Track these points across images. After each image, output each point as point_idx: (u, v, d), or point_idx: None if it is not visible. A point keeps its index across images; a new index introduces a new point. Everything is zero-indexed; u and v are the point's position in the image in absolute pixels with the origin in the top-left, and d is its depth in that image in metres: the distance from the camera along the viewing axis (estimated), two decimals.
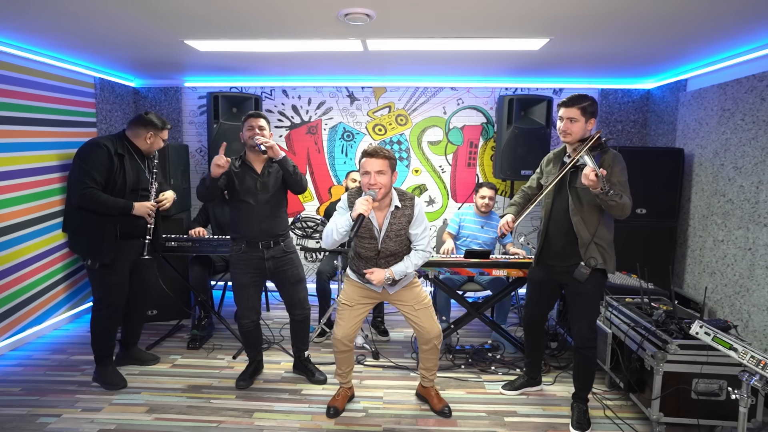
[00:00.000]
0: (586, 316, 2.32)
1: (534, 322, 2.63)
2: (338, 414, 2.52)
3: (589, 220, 2.23)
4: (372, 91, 4.53)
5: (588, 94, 2.29)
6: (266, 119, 2.67)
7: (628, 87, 4.36)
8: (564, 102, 2.27)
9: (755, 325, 2.85)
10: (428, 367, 2.54)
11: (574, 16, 2.50)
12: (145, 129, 2.69)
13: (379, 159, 2.16)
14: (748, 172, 2.99)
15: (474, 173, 4.60)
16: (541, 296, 2.55)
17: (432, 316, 2.44)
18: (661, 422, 2.30)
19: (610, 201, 2.06)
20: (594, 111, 2.25)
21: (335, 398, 2.59)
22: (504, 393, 2.76)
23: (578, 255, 2.25)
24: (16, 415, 2.46)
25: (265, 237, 2.65)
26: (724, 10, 2.36)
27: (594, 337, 2.36)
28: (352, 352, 2.53)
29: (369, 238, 2.32)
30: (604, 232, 2.24)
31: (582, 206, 2.24)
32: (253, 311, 2.74)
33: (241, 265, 2.67)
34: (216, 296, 3.91)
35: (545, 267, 2.45)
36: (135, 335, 3.03)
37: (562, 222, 2.31)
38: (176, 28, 2.78)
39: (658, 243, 3.59)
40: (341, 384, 2.61)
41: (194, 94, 4.59)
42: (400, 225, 2.30)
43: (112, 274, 2.65)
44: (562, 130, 2.26)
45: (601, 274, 2.28)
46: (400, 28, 2.74)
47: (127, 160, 2.64)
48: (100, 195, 2.53)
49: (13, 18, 2.61)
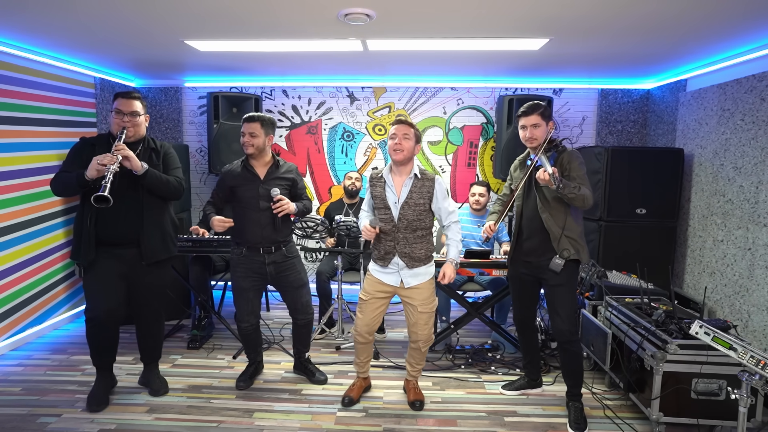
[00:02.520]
0: (565, 308, 2.40)
1: (522, 320, 2.69)
2: (353, 404, 2.61)
3: (557, 215, 2.37)
4: (372, 91, 4.53)
5: (540, 100, 2.47)
6: (262, 122, 2.55)
7: (628, 87, 4.36)
8: (524, 111, 2.41)
9: (755, 325, 2.85)
10: (411, 362, 2.65)
11: (574, 16, 2.51)
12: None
13: (406, 125, 2.43)
14: (748, 172, 2.99)
15: (474, 173, 4.60)
16: (523, 293, 2.63)
17: (428, 323, 2.50)
18: (661, 422, 2.30)
19: (569, 194, 2.24)
20: (550, 114, 2.46)
21: (351, 388, 2.68)
22: (504, 393, 2.76)
23: (552, 249, 2.37)
24: (16, 415, 2.46)
25: (267, 243, 2.63)
26: (723, 10, 2.36)
27: (575, 330, 2.44)
28: (371, 343, 2.63)
29: (384, 209, 2.45)
30: (573, 225, 2.37)
31: (549, 203, 2.38)
32: (253, 315, 2.73)
33: (241, 269, 2.66)
34: (216, 296, 3.91)
35: (522, 263, 2.56)
36: (144, 353, 2.73)
37: (534, 220, 2.44)
38: (176, 28, 2.78)
39: (658, 243, 3.59)
40: (358, 374, 2.71)
41: (194, 94, 4.59)
42: (420, 195, 2.42)
43: (91, 280, 2.43)
44: (527, 137, 2.41)
45: (574, 264, 2.41)
46: (400, 28, 2.74)
47: (98, 151, 2.32)
48: (58, 175, 2.32)
49: (14, 18, 2.61)
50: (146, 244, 2.45)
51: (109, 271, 2.43)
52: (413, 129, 2.43)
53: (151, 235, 2.47)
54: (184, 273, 3.60)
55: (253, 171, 2.61)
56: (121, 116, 2.38)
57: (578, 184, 2.28)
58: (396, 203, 2.42)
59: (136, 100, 2.43)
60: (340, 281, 3.48)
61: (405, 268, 2.44)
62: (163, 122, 4.62)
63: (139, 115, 2.42)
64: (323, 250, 3.63)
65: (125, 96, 2.41)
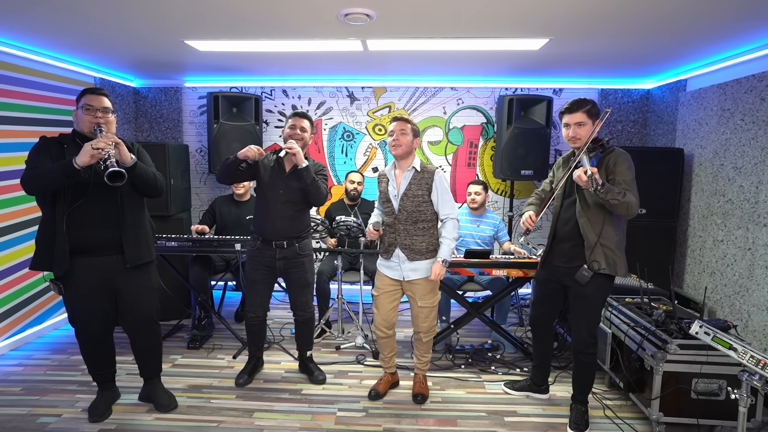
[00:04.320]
0: (586, 321, 2.30)
1: (540, 323, 2.60)
2: (379, 397, 2.68)
3: (595, 221, 2.21)
4: (372, 91, 4.53)
5: (587, 97, 2.31)
6: (310, 120, 2.72)
7: (628, 87, 4.36)
8: (568, 108, 2.26)
9: (755, 325, 2.85)
10: (417, 355, 2.71)
11: (574, 16, 2.51)
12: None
13: (403, 122, 2.49)
14: (748, 172, 2.99)
15: (474, 173, 4.60)
16: (545, 296, 2.55)
17: (429, 316, 2.57)
18: (661, 422, 2.30)
19: (611, 200, 2.06)
20: (597, 112, 2.27)
21: (379, 382, 2.75)
22: (506, 391, 2.76)
23: (583, 257, 2.24)
24: (16, 415, 2.46)
25: (279, 237, 2.66)
26: (724, 10, 2.36)
27: (593, 343, 2.34)
28: (392, 338, 2.70)
29: (387, 202, 2.57)
30: (611, 233, 2.21)
31: (589, 207, 2.23)
32: (260, 308, 2.78)
33: (253, 261, 2.73)
34: (216, 296, 3.91)
35: (550, 267, 2.46)
36: (144, 368, 2.54)
37: (570, 223, 2.31)
38: (176, 28, 2.78)
39: (658, 243, 3.59)
40: (385, 369, 2.79)
41: (194, 94, 4.59)
42: (418, 186, 2.47)
43: (72, 296, 2.27)
44: (570, 136, 2.25)
45: (605, 278, 2.25)
46: (400, 28, 2.74)
47: (68, 151, 2.18)
48: (30, 171, 2.13)
49: (14, 18, 2.60)
50: (129, 246, 2.27)
51: (90, 282, 2.24)
52: (410, 124, 2.49)
53: (132, 237, 2.29)
54: (184, 273, 3.60)
55: (282, 163, 2.68)
56: (92, 112, 2.19)
57: (623, 190, 2.09)
58: (396, 196, 2.52)
59: (106, 96, 2.26)
60: (340, 281, 3.48)
61: (406, 261, 2.50)
62: (163, 122, 4.62)
63: (111, 112, 2.26)
64: (323, 250, 3.63)
65: (95, 92, 2.24)
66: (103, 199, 2.21)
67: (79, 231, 2.18)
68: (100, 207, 2.21)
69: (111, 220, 2.24)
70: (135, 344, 2.48)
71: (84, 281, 2.23)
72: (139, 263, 2.32)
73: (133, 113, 4.60)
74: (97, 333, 2.36)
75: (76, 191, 2.16)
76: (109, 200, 2.23)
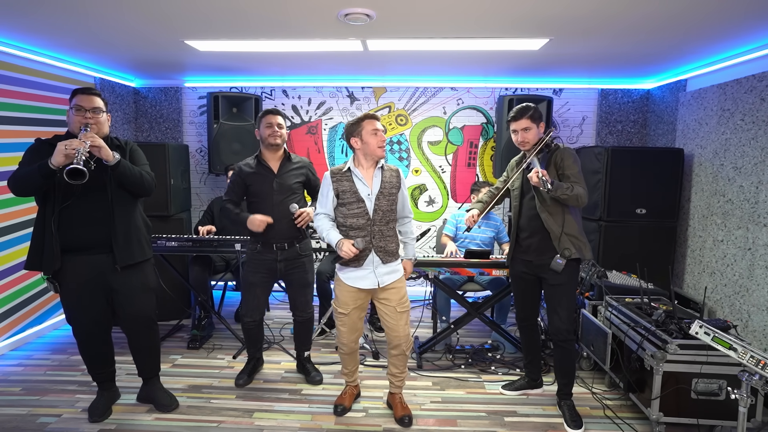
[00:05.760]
0: (565, 307, 2.41)
1: (524, 319, 2.68)
2: (346, 412, 2.56)
3: (555, 214, 2.37)
4: (372, 91, 4.53)
5: (529, 103, 2.45)
6: (284, 116, 2.71)
7: (628, 87, 4.36)
8: (513, 116, 2.44)
9: (755, 325, 2.85)
10: (394, 373, 2.50)
11: (574, 16, 2.51)
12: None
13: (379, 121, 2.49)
14: (748, 172, 2.99)
15: (474, 173, 4.60)
16: (525, 291, 2.64)
17: (408, 322, 2.43)
18: (661, 422, 2.30)
19: (561, 195, 2.26)
20: (540, 115, 2.45)
21: (342, 396, 2.61)
22: (504, 393, 2.76)
23: (552, 248, 2.38)
24: (16, 415, 2.46)
25: (281, 239, 2.64)
26: (724, 10, 2.36)
27: (572, 329, 2.45)
28: (356, 352, 2.56)
29: (356, 202, 2.32)
30: (571, 222, 2.38)
31: (546, 203, 2.38)
32: (257, 311, 2.75)
33: (252, 264, 2.69)
34: (216, 296, 3.91)
35: (522, 263, 2.56)
36: (142, 368, 2.53)
37: (533, 219, 2.44)
38: (176, 28, 2.78)
39: (658, 243, 3.59)
40: (347, 383, 2.64)
41: (194, 94, 4.59)
42: (391, 184, 2.40)
43: (67, 295, 2.27)
44: (519, 141, 2.45)
45: (575, 263, 2.42)
46: (400, 28, 2.74)
47: None
48: (16, 172, 2.15)
49: (15, 18, 2.61)
50: (119, 245, 2.25)
51: (82, 281, 2.23)
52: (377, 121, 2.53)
53: (123, 236, 2.26)
54: (184, 273, 3.60)
55: (266, 165, 2.65)
56: (82, 113, 2.20)
57: (571, 184, 2.30)
58: (369, 195, 2.33)
59: (98, 96, 2.26)
60: None
61: (380, 265, 2.33)
62: (163, 122, 4.62)
63: (102, 111, 2.26)
64: (323, 250, 3.63)
65: (86, 92, 2.23)
66: (92, 198, 2.20)
67: (69, 230, 2.19)
68: (89, 206, 2.21)
69: (101, 220, 2.23)
70: (132, 344, 2.47)
71: (75, 279, 2.23)
72: (130, 263, 2.30)
73: (133, 113, 4.61)
74: (92, 331, 2.35)
75: (66, 191, 2.15)
76: (99, 199, 2.22)
